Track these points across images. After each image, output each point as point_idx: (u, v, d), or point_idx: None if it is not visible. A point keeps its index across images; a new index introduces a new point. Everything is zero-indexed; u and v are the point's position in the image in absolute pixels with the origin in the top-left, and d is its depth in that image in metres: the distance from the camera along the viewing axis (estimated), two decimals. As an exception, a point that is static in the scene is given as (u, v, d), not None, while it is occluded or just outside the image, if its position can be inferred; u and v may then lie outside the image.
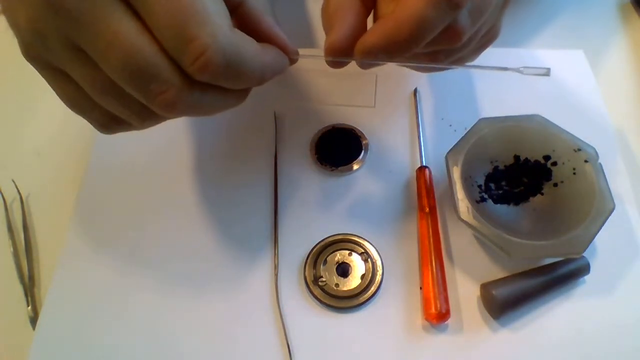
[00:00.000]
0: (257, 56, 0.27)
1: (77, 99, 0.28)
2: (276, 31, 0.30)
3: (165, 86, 0.25)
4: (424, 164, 0.44)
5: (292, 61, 0.31)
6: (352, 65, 0.31)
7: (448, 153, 0.40)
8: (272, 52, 0.29)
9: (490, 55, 0.51)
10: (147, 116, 0.28)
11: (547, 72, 0.33)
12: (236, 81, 0.27)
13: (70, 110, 0.30)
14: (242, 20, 0.30)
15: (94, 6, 0.24)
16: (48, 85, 0.29)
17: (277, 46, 0.30)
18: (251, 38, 0.27)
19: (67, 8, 0.24)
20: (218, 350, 0.37)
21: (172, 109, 0.26)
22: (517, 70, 0.33)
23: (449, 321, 0.37)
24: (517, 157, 0.42)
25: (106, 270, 0.41)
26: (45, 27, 0.25)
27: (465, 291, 0.39)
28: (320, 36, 0.56)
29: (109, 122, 0.30)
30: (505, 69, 0.33)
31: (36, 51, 0.27)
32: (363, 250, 0.40)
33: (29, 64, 0.28)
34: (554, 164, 0.41)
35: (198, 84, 0.26)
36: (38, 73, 0.29)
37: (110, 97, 0.27)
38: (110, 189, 0.45)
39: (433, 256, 0.39)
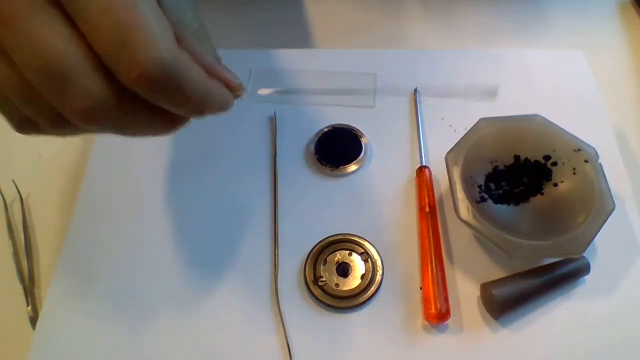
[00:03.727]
0: (200, 80, 0.25)
1: None
2: (217, 66, 0.28)
3: (82, 92, 0.23)
4: (424, 164, 0.44)
5: (237, 96, 0.29)
6: (353, 65, 0.31)
7: (448, 153, 0.40)
8: (217, 83, 0.28)
9: (491, 55, 0.52)
10: (59, 124, 0.26)
11: (493, 93, 0.34)
12: (173, 101, 0.25)
13: None
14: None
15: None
16: None
17: (219, 80, 0.28)
18: (197, 65, 0.26)
19: None
20: (218, 350, 0.37)
21: (86, 120, 0.24)
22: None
23: (449, 321, 0.37)
24: (517, 157, 0.42)
25: (106, 270, 0.41)
26: None
27: (465, 291, 0.39)
28: (320, 36, 0.56)
29: (21, 122, 0.27)
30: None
31: None
32: (363, 250, 0.40)
33: None
34: (554, 164, 0.41)
35: (127, 101, 0.24)
36: None
37: (19, 95, 0.25)
38: (110, 190, 0.45)
39: (433, 256, 0.39)
